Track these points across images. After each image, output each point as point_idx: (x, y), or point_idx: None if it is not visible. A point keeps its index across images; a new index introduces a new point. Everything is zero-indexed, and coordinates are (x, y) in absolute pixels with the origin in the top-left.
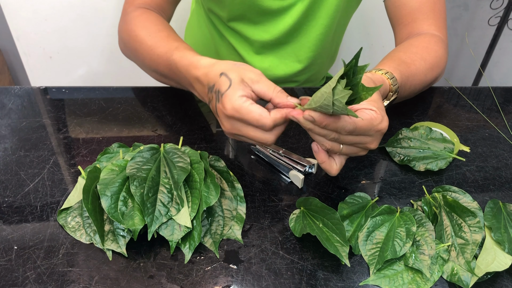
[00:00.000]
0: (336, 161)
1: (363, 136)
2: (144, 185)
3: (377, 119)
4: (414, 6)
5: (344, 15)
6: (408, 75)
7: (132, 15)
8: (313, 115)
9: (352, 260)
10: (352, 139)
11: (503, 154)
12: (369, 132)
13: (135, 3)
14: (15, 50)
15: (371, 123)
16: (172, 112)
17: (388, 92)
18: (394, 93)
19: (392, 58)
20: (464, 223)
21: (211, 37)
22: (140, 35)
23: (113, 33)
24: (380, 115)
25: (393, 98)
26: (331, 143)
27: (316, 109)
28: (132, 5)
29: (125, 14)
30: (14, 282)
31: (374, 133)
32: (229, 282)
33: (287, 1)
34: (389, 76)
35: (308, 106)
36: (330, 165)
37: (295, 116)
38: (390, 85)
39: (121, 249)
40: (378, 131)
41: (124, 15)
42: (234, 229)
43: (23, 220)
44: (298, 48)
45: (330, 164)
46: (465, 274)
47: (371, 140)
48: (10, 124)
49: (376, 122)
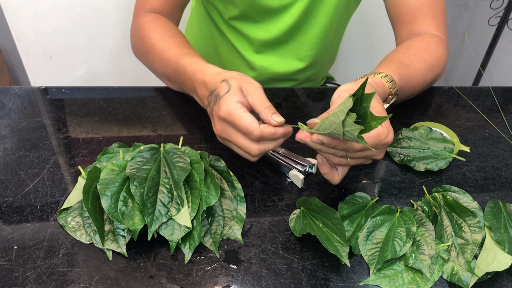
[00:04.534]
0: (339, 171)
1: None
2: (144, 185)
3: (384, 133)
4: (414, 6)
5: (344, 14)
6: (407, 77)
7: (145, 19)
8: (322, 138)
9: (352, 260)
10: (360, 154)
11: (503, 154)
12: (376, 146)
13: (145, 7)
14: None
15: (378, 138)
16: (172, 112)
17: (388, 96)
18: (393, 96)
19: (391, 60)
20: (464, 223)
21: (210, 35)
22: (152, 38)
23: (113, 33)
24: (386, 129)
25: (392, 101)
26: (338, 158)
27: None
28: (142, 10)
29: (137, 19)
30: (14, 282)
31: (381, 146)
32: (229, 282)
33: (287, 0)
34: (388, 80)
35: (316, 131)
36: (332, 176)
37: (303, 139)
38: (389, 89)
39: (121, 249)
40: (385, 144)
41: (135, 19)
42: (234, 229)
43: (23, 220)
44: (298, 47)
45: (333, 175)
46: (465, 274)
47: (377, 153)
48: (10, 124)
49: (383, 136)
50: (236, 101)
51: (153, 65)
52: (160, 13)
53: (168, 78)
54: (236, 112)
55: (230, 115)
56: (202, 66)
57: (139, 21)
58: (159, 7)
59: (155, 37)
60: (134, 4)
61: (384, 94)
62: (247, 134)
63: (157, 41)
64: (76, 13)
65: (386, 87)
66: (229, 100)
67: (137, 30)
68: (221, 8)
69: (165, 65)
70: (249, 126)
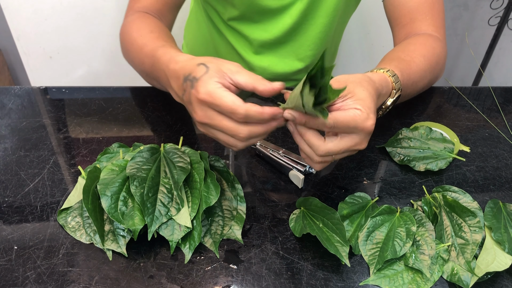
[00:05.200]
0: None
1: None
2: (144, 185)
3: (361, 117)
4: (412, 6)
5: (344, 14)
6: (409, 72)
7: (130, 18)
8: (292, 113)
9: (352, 260)
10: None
11: (503, 154)
12: (354, 130)
13: (135, 7)
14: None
15: (354, 120)
16: (172, 112)
17: (391, 90)
18: (397, 91)
19: (391, 58)
20: (464, 223)
21: (210, 36)
22: (132, 36)
23: (113, 33)
24: (365, 113)
25: (397, 95)
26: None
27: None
28: (132, 9)
29: (125, 18)
30: (14, 282)
31: (359, 132)
32: (229, 282)
33: (287, 0)
34: (390, 74)
35: (286, 106)
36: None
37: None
38: (392, 83)
39: (121, 249)
40: (363, 130)
41: (124, 20)
42: (234, 229)
43: (23, 220)
44: (297, 47)
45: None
46: (465, 274)
47: (359, 141)
48: (10, 124)
49: (360, 119)
50: (216, 81)
51: (134, 63)
52: (149, 12)
53: (148, 75)
54: (217, 91)
55: (210, 95)
56: (174, 55)
57: (125, 21)
58: (150, 6)
59: (135, 35)
60: None
61: (387, 88)
62: (232, 114)
63: (136, 38)
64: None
65: (388, 81)
66: (208, 81)
67: (122, 29)
68: (220, 9)
69: (143, 62)
70: (232, 105)
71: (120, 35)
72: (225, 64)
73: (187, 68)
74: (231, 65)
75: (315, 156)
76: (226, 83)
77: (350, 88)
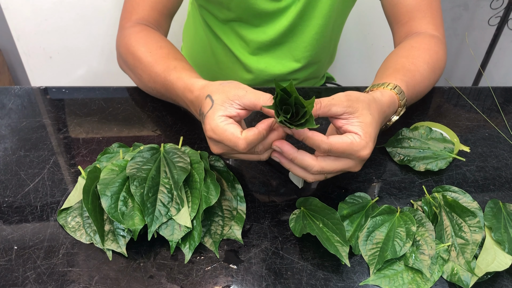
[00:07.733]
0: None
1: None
2: (144, 185)
3: (359, 145)
4: (411, 5)
5: (340, 14)
6: (414, 84)
7: (131, 30)
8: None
9: (352, 260)
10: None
11: (503, 154)
12: (350, 156)
13: (132, 18)
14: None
15: (351, 147)
16: (172, 112)
17: (398, 108)
18: (403, 108)
19: (396, 67)
20: (464, 223)
21: (207, 39)
22: (140, 51)
23: (113, 33)
24: (364, 141)
25: (402, 112)
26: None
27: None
28: (129, 20)
29: (123, 29)
30: (14, 282)
31: (355, 158)
32: (229, 282)
33: (283, 3)
34: (397, 91)
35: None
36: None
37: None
38: (399, 101)
39: (121, 249)
40: (358, 157)
41: (122, 30)
42: (234, 229)
43: (23, 220)
44: (294, 48)
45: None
46: (465, 274)
47: (353, 166)
48: (10, 124)
49: (357, 147)
50: (220, 115)
51: (142, 80)
52: (148, 23)
53: (160, 93)
54: (219, 126)
55: (214, 132)
56: (189, 82)
57: (125, 32)
58: (147, 17)
59: (142, 49)
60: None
61: (393, 108)
62: (236, 148)
63: (144, 53)
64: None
65: (395, 101)
66: (212, 116)
67: (123, 41)
68: (216, 13)
69: (154, 80)
70: (232, 138)
71: (119, 47)
72: (232, 90)
73: (199, 101)
74: (238, 90)
75: (309, 175)
76: (232, 113)
77: (359, 107)
